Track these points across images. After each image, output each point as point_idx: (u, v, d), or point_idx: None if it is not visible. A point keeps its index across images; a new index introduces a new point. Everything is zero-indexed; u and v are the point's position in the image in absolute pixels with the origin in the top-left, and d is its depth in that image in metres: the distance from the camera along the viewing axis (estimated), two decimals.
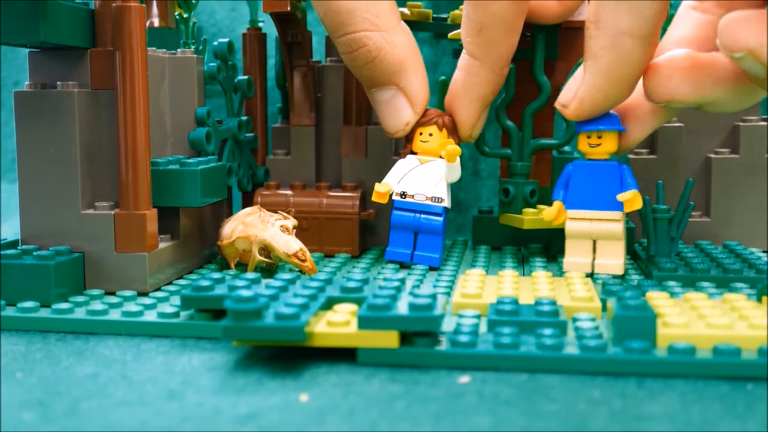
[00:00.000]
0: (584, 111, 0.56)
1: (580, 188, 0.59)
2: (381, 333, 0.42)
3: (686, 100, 0.52)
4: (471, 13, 0.59)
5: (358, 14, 0.58)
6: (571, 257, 0.59)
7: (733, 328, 0.43)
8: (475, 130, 0.63)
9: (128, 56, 0.53)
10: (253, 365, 0.42)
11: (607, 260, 0.59)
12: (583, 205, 0.59)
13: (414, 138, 0.63)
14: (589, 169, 0.59)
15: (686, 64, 0.52)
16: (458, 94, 0.62)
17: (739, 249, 0.66)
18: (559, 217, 0.59)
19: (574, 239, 0.59)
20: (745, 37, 0.46)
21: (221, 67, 0.65)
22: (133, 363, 0.43)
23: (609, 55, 0.52)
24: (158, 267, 0.55)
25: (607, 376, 0.41)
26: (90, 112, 0.54)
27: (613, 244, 0.58)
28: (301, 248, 0.57)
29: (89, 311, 0.49)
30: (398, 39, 0.59)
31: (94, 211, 0.54)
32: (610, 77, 0.53)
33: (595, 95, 0.54)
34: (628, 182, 0.58)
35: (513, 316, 0.46)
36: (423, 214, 0.63)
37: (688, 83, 0.52)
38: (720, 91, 0.52)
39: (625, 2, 0.50)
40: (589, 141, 0.58)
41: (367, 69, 0.60)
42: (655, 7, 0.50)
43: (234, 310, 0.41)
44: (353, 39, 0.58)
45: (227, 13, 0.93)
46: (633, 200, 0.58)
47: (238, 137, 0.67)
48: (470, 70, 0.61)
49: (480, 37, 0.59)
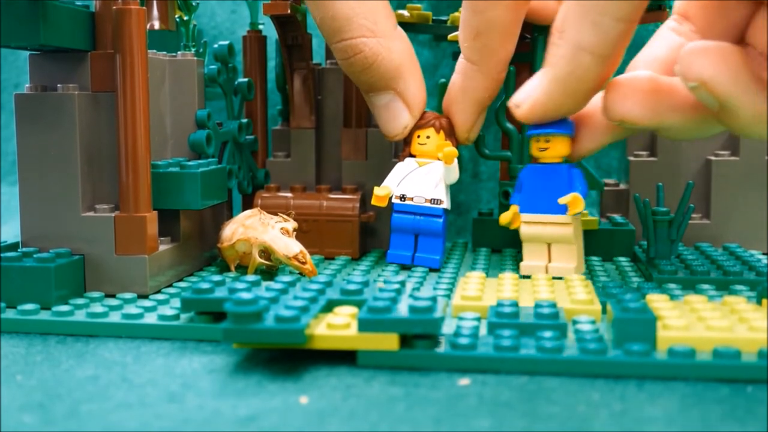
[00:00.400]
0: (534, 115, 0.55)
1: (531, 192, 0.59)
2: (381, 335, 0.42)
3: (638, 123, 0.51)
4: (468, 18, 0.59)
5: (355, 21, 0.58)
6: (528, 261, 0.60)
7: (733, 331, 0.43)
8: (473, 133, 0.64)
9: (128, 59, 0.53)
10: (253, 368, 0.42)
11: (560, 264, 0.59)
12: (535, 209, 0.59)
13: (412, 141, 0.63)
14: (539, 173, 0.59)
15: (645, 87, 0.51)
16: (456, 97, 0.62)
17: (739, 251, 0.67)
18: (515, 221, 0.60)
19: (530, 243, 0.60)
20: (699, 67, 0.46)
21: (221, 69, 0.65)
22: (134, 365, 0.43)
23: (567, 67, 0.52)
24: (158, 269, 0.55)
25: (607, 378, 0.41)
26: (90, 115, 0.54)
27: (565, 248, 0.59)
28: (301, 250, 0.57)
29: (89, 314, 0.49)
30: (395, 44, 0.60)
31: (94, 214, 0.54)
32: (564, 88, 0.53)
33: (546, 103, 0.54)
34: (576, 185, 0.58)
35: (513, 318, 0.46)
36: (423, 216, 0.63)
37: (643, 107, 0.51)
38: (676, 119, 0.51)
39: (589, 20, 0.49)
40: (537, 145, 0.58)
41: (364, 75, 0.60)
42: (619, 28, 0.49)
43: (234, 313, 0.41)
44: (350, 45, 0.58)
45: (227, 16, 0.93)
46: (574, 202, 0.57)
47: (238, 140, 0.67)
48: (467, 74, 0.61)
49: (477, 42, 0.59)
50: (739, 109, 0.46)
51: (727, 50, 0.46)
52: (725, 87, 0.46)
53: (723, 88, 0.46)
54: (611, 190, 0.74)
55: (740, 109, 0.46)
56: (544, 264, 0.60)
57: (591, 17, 0.49)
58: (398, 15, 0.72)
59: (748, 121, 0.47)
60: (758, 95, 0.46)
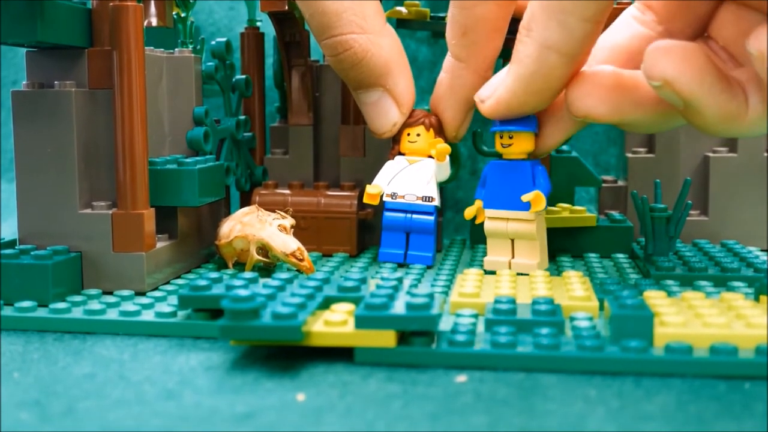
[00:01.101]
0: (498, 112, 0.55)
1: (495, 188, 0.59)
2: (378, 332, 0.42)
3: (601, 119, 0.52)
4: (456, 15, 0.59)
5: (344, 17, 0.58)
6: (492, 256, 0.60)
7: (731, 327, 0.43)
8: (461, 130, 0.64)
9: (126, 56, 0.53)
10: (250, 365, 0.42)
11: (523, 260, 0.59)
12: (499, 204, 0.59)
13: (402, 139, 0.63)
14: (503, 169, 0.59)
15: (608, 83, 0.51)
16: (443, 95, 0.62)
17: (737, 248, 0.67)
18: (479, 216, 0.60)
19: (494, 238, 0.60)
20: (663, 67, 0.45)
21: (219, 66, 0.65)
22: (131, 363, 0.43)
23: (532, 66, 0.52)
24: (156, 266, 0.55)
25: (605, 375, 0.41)
26: (87, 112, 0.54)
27: (528, 244, 0.59)
28: (299, 247, 0.57)
29: (87, 311, 0.49)
30: (384, 41, 0.60)
31: (91, 211, 0.54)
32: (529, 86, 0.53)
33: (510, 100, 0.54)
34: (539, 182, 0.58)
35: (510, 315, 0.46)
36: (414, 214, 0.63)
37: (606, 103, 0.51)
38: (639, 114, 0.51)
39: (555, 20, 0.49)
40: (501, 141, 0.58)
41: (353, 71, 0.60)
42: (586, 29, 0.49)
43: (231, 310, 0.41)
44: (340, 41, 0.58)
45: (225, 12, 0.93)
46: (536, 200, 0.57)
47: (236, 137, 0.67)
48: (455, 72, 0.61)
49: (465, 39, 0.59)
50: (704, 108, 0.46)
51: (691, 50, 0.46)
52: (689, 87, 0.45)
53: (687, 88, 0.45)
54: (609, 187, 0.74)
55: (705, 108, 0.46)
56: (507, 260, 0.60)
57: (557, 17, 0.49)
58: (396, 12, 0.72)
59: (713, 120, 0.47)
60: (722, 94, 0.46)
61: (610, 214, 0.72)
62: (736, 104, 0.47)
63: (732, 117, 0.47)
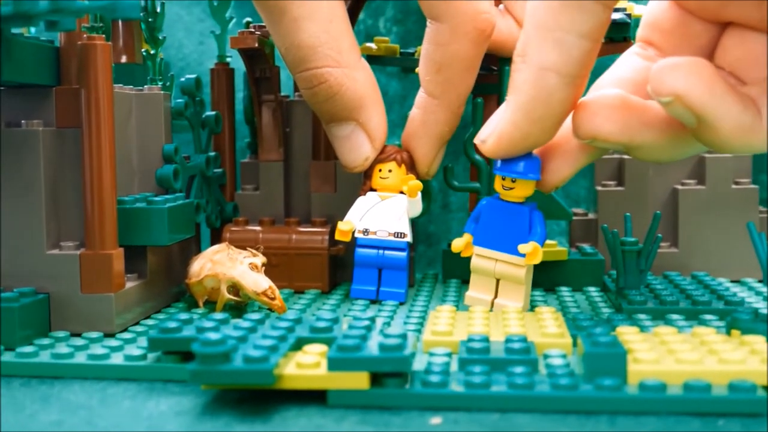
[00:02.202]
0: (501, 149, 0.53)
1: (488, 227, 0.58)
2: (351, 374, 0.42)
3: (610, 139, 0.50)
4: (430, 52, 0.59)
5: (320, 51, 0.58)
6: (474, 292, 0.59)
7: (703, 363, 0.43)
8: (433, 167, 0.64)
9: (94, 94, 0.53)
10: (221, 409, 0.41)
11: (507, 301, 0.58)
12: (490, 244, 0.58)
13: (373, 174, 0.63)
14: (501, 210, 0.58)
15: (615, 103, 0.50)
16: (416, 131, 0.62)
17: (707, 280, 0.67)
18: (467, 251, 0.59)
19: (478, 275, 0.59)
20: (673, 81, 0.45)
21: (189, 103, 0.65)
22: (99, 408, 0.42)
23: (531, 91, 0.50)
24: (125, 307, 0.55)
25: (579, 414, 0.41)
26: (55, 151, 0.54)
27: (514, 287, 0.58)
28: (270, 286, 0.57)
29: (54, 354, 0.48)
30: (359, 75, 0.60)
31: (59, 251, 0.53)
32: (530, 114, 0.50)
33: (513, 132, 0.52)
34: (537, 231, 0.57)
35: (484, 354, 0.45)
36: (386, 250, 0.63)
37: (614, 122, 0.49)
38: (648, 136, 0.50)
39: (551, 38, 0.48)
40: (503, 183, 0.57)
41: (327, 104, 0.60)
42: (584, 47, 0.48)
43: (202, 354, 0.41)
44: (315, 74, 0.58)
45: (195, 47, 0.93)
46: (533, 254, 0.56)
47: (206, 173, 0.67)
48: (428, 108, 0.61)
49: (439, 76, 0.60)
50: (718, 121, 0.45)
51: (699, 63, 0.45)
52: (701, 99, 0.45)
53: (699, 101, 0.45)
54: (580, 220, 0.74)
55: (719, 120, 0.45)
56: (489, 298, 0.59)
57: (554, 35, 0.48)
58: (366, 48, 0.72)
59: (729, 134, 0.46)
60: (735, 106, 0.45)
61: (582, 247, 0.72)
62: (750, 116, 0.46)
63: (747, 129, 0.46)
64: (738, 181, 0.72)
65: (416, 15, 0.86)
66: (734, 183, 0.72)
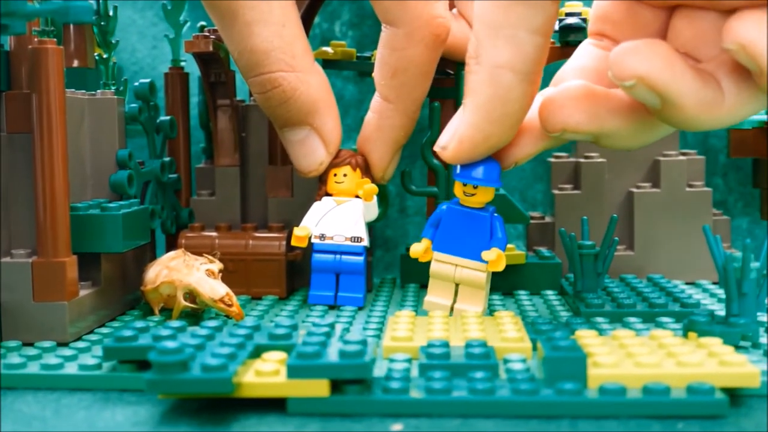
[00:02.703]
0: (463, 153, 0.52)
1: (449, 233, 0.58)
2: (311, 382, 0.41)
3: (579, 129, 0.50)
4: (386, 56, 0.59)
5: (273, 55, 0.57)
6: (433, 297, 0.59)
7: (662, 367, 0.43)
8: (388, 171, 0.63)
9: (45, 99, 0.51)
10: (179, 418, 0.41)
11: (466, 305, 0.58)
12: (450, 249, 0.58)
13: (328, 179, 0.63)
14: (461, 216, 0.57)
15: (580, 94, 0.50)
16: (371, 135, 0.62)
17: (663, 282, 0.67)
18: (426, 255, 0.59)
19: (438, 280, 0.58)
20: (634, 64, 0.45)
21: (143, 107, 0.64)
22: (54, 420, 0.41)
23: (488, 90, 0.50)
24: (79, 315, 0.54)
25: (540, 419, 0.41)
26: (6, 157, 0.53)
27: (474, 291, 0.58)
28: (227, 293, 0.56)
29: (6, 365, 0.47)
30: (313, 79, 0.59)
31: (10, 260, 0.52)
32: (489, 114, 0.50)
33: (474, 135, 0.51)
34: (498, 237, 0.57)
35: (444, 359, 0.45)
36: (343, 255, 0.63)
37: (581, 112, 0.49)
38: (615, 123, 0.50)
39: (503, 36, 0.48)
40: (464, 189, 0.56)
41: (281, 109, 0.59)
42: (536, 42, 0.48)
43: (159, 363, 0.40)
44: (268, 79, 0.58)
45: (148, 52, 0.91)
46: (496, 261, 0.56)
47: (161, 179, 0.66)
48: (383, 113, 0.61)
49: (395, 81, 0.59)
50: (681, 98, 0.45)
51: (656, 44, 0.46)
52: (663, 79, 0.45)
53: (661, 81, 0.45)
54: (537, 223, 0.75)
55: (682, 98, 0.45)
56: (449, 303, 0.58)
57: (504, 33, 0.48)
58: (322, 52, 0.72)
59: (693, 111, 0.46)
60: (696, 81, 0.46)
61: (539, 250, 0.72)
62: (712, 90, 0.46)
63: (710, 104, 0.46)
64: (692, 183, 0.73)
65: (372, 19, 0.86)
66: (688, 186, 0.73)
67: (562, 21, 0.67)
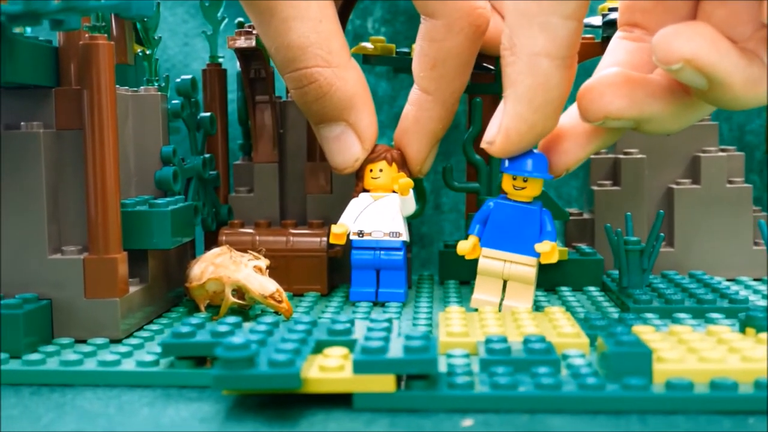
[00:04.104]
0: (511, 144, 0.53)
1: (498, 228, 0.57)
2: (377, 377, 0.41)
3: (622, 116, 0.50)
4: (425, 48, 0.59)
5: (310, 51, 0.57)
6: (480, 294, 0.58)
7: (727, 362, 0.43)
8: (426, 165, 0.63)
9: (97, 95, 0.51)
10: (245, 414, 0.40)
11: (515, 302, 0.57)
12: (499, 245, 0.57)
13: (365, 175, 0.62)
14: (510, 211, 0.57)
15: (618, 80, 0.50)
16: (409, 128, 0.61)
17: (706, 278, 0.67)
18: (473, 252, 0.58)
19: (486, 276, 0.58)
20: (679, 46, 0.45)
21: (185, 104, 0.64)
22: (118, 416, 0.41)
23: (528, 80, 0.50)
24: (129, 312, 0.53)
25: (608, 414, 0.40)
26: (55, 153, 0.52)
27: (523, 287, 0.57)
28: (278, 289, 0.56)
29: (63, 362, 0.46)
30: (349, 75, 0.59)
31: (61, 256, 0.52)
32: (532, 103, 0.51)
33: (519, 125, 0.52)
34: (548, 230, 0.57)
35: (505, 354, 0.45)
36: (383, 250, 0.63)
37: (622, 98, 0.49)
38: (655, 107, 0.50)
39: (536, 24, 0.49)
40: (513, 183, 0.56)
41: (317, 104, 0.59)
42: (569, 27, 0.49)
43: (226, 358, 0.40)
44: (304, 74, 0.58)
45: (179, 49, 0.91)
46: (550, 253, 0.56)
47: (202, 175, 0.66)
48: (422, 105, 0.60)
49: (434, 72, 0.59)
50: (728, 77, 0.46)
51: (699, 25, 0.46)
52: (710, 59, 0.45)
53: (708, 61, 0.45)
54: (576, 220, 0.74)
55: (730, 77, 0.46)
56: (497, 300, 0.58)
57: (538, 21, 0.49)
58: (362, 48, 0.71)
59: (741, 89, 0.46)
60: (741, 60, 0.46)
61: (579, 247, 0.72)
62: (757, 68, 0.46)
63: (757, 81, 0.46)
64: (732, 180, 0.72)
65: (404, 15, 0.85)
66: (728, 182, 0.72)
67: (605, 16, 0.67)
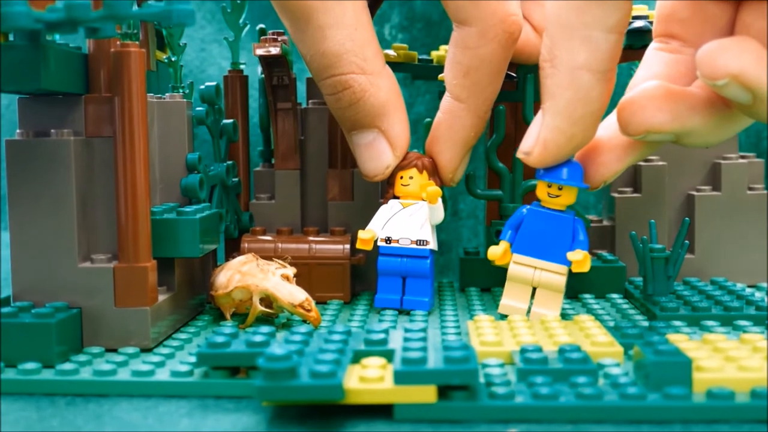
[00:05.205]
0: (549, 155, 0.53)
1: (530, 235, 0.57)
2: (418, 388, 0.41)
3: (663, 129, 0.50)
4: (458, 55, 0.59)
5: (345, 57, 0.57)
6: (509, 300, 0.58)
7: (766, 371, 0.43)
8: (458, 173, 0.63)
9: (128, 102, 0.51)
10: (287, 425, 0.40)
11: (543, 309, 0.57)
12: (531, 252, 0.58)
13: (395, 182, 0.62)
14: (544, 218, 0.57)
15: (660, 93, 0.50)
16: (441, 136, 0.61)
17: (729, 285, 0.67)
18: (504, 258, 0.58)
19: (515, 283, 0.58)
20: (725, 62, 0.45)
21: (209, 110, 0.63)
22: (158, 426, 0.41)
23: (567, 93, 0.50)
24: (158, 320, 0.53)
25: (651, 423, 0.40)
26: (85, 161, 0.52)
27: (552, 295, 0.57)
28: (307, 298, 0.56)
29: (96, 371, 0.46)
30: (383, 82, 0.59)
31: (91, 265, 0.52)
32: (571, 116, 0.51)
33: (557, 137, 0.52)
34: (580, 239, 0.57)
35: (543, 364, 0.45)
36: (409, 258, 0.62)
37: (664, 111, 0.49)
38: (697, 120, 0.50)
39: (578, 37, 0.49)
40: (548, 190, 0.56)
41: (350, 111, 0.59)
42: (611, 40, 0.49)
43: (268, 369, 0.39)
44: (339, 80, 0.58)
45: (196, 55, 0.91)
46: (582, 262, 0.56)
47: (226, 183, 0.66)
48: (454, 112, 0.60)
49: (467, 80, 0.59)
50: None
51: (745, 41, 0.46)
52: (756, 75, 0.45)
53: (755, 77, 0.45)
54: (596, 227, 0.74)
55: None
56: (525, 306, 0.58)
57: (580, 34, 0.49)
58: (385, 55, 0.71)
59: None
60: None
61: (601, 254, 0.72)
62: None
63: None
64: (752, 186, 0.72)
65: (421, 22, 0.85)
66: (748, 189, 0.72)
67: (630, 24, 0.67)
